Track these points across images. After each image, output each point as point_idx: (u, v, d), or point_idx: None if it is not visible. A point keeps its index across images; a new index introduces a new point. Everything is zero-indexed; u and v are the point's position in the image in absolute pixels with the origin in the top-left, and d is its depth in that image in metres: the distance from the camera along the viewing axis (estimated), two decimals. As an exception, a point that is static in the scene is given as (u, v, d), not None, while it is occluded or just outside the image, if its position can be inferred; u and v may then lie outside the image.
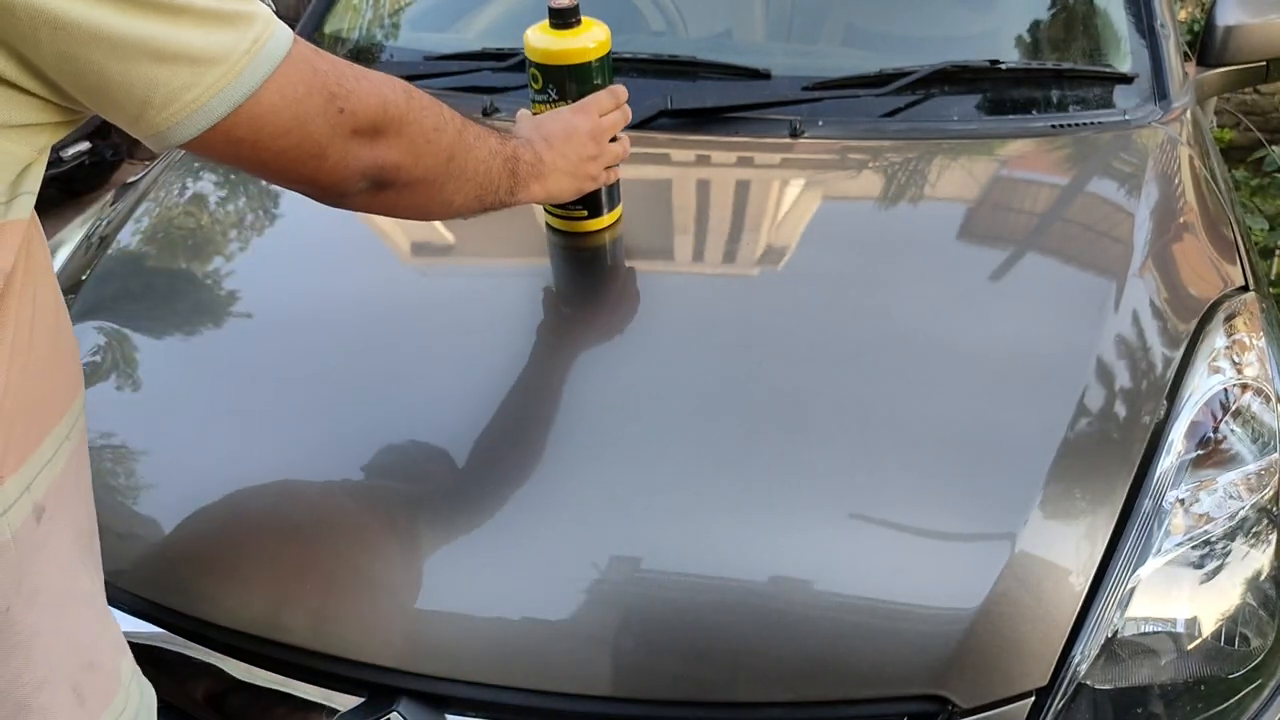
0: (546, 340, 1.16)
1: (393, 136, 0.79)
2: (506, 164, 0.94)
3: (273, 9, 2.25)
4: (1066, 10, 1.91)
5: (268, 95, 0.69)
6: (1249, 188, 3.55)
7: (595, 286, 1.29)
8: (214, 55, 0.65)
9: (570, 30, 1.17)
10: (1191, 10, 4.22)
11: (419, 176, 0.84)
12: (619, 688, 0.87)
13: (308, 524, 0.97)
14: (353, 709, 0.89)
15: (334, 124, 0.74)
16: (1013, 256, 1.30)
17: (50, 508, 0.67)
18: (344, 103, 0.75)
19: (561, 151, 1.06)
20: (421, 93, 0.84)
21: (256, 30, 0.68)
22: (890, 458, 0.97)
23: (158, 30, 0.62)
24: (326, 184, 0.78)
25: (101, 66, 0.61)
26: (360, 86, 0.76)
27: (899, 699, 0.86)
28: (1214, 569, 0.97)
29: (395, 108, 0.79)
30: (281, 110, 0.70)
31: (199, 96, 0.65)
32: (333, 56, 0.76)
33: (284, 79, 0.70)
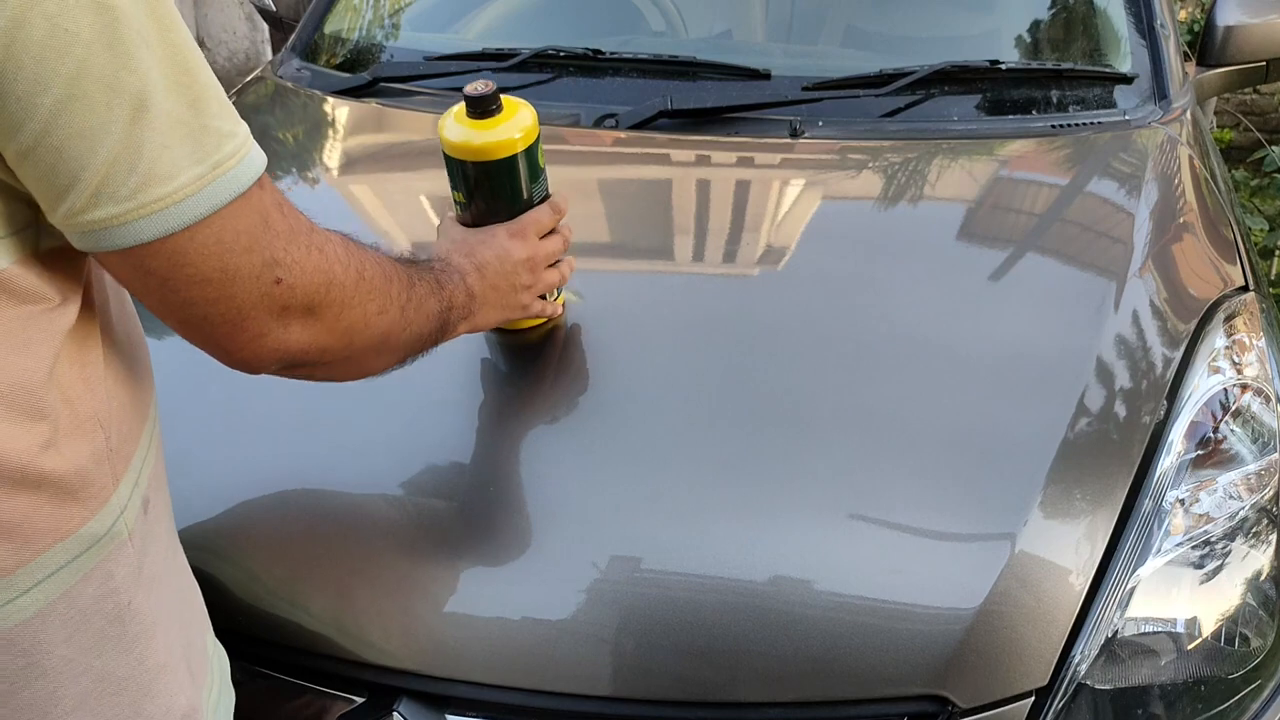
0: (546, 342, 1.16)
1: (327, 320, 0.69)
2: (438, 320, 0.85)
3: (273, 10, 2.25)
4: (1066, 10, 1.91)
5: (203, 233, 0.59)
6: (1249, 188, 3.55)
7: (595, 287, 1.29)
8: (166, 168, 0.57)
9: (490, 120, 1.00)
10: (1191, 10, 4.22)
11: (346, 358, 0.74)
12: (619, 688, 0.87)
13: (307, 525, 0.97)
14: (353, 709, 0.89)
15: (265, 293, 0.64)
16: (1013, 257, 1.30)
17: (152, 497, 0.70)
18: (284, 273, 0.64)
19: (492, 283, 0.95)
20: (376, 264, 0.74)
21: (226, 154, 0.59)
22: (890, 458, 0.97)
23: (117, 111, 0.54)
24: (238, 355, 0.67)
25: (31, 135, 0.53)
26: (308, 260, 0.66)
27: (899, 699, 0.86)
28: (1214, 569, 0.97)
29: (339, 290, 0.69)
30: (210, 256, 0.60)
31: (129, 212, 0.57)
32: (296, 213, 0.67)
33: (229, 221, 0.60)
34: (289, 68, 1.89)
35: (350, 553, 0.94)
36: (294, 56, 1.93)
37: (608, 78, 1.67)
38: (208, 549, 0.96)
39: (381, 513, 0.97)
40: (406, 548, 0.94)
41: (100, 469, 0.63)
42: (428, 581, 0.92)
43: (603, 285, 1.29)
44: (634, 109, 1.54)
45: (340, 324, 0.70)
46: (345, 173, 1.58)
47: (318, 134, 1.72)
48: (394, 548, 0.94)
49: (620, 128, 1.54)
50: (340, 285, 0.69)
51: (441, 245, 0.97)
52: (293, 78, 1.85)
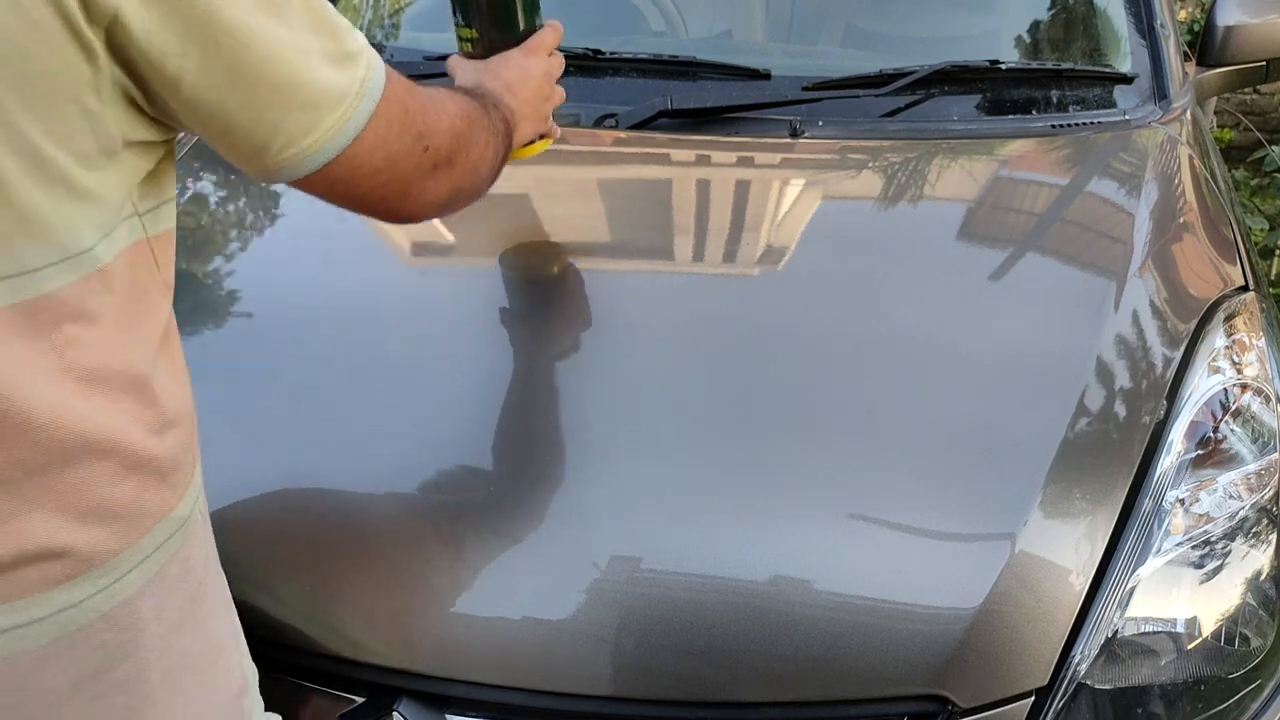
0: (547, 342, 1.16)
1: (461, 164, 0.81)
2: (508, 135, 0.96)
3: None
4: (1066, 10, 1.92)
5: (367, 137, 0.70)
6: (1249, 188, 3.55)
7: (595, 287, 1.29)
8: (332, 99, 0.67)
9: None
10: (1191, 10, 4.22)
11: (472, 187, 0.86)
12: (619, 688, 0.87)
13: (308, 525, 0.97)
14: (353, 709, 0.89)
15: (419, 162, 0.76)
16: (1013, 257, 1.30)
17: (202, 486, 0.77)
18: (429, 140, 0.76)
19: (524, 97, 1.05)
20: (469, 103, 0.86)
21: (362, 69, 0.69)
22: (890, 458, 0.97)
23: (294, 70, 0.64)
24: (404, 215, 0.80)
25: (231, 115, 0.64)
26: (439, 122, 0.78)
27: (899, 699, 0.86)
28: (1214, 569, 0.97)
29: (464, 137, 0.81)
30: (376, 151, 0.71)
31: (315, 141, 0.67)
32: (415, 87, 0.77)
33: (381, 120, 0.71)
34: (289, 68, 1.89)
35: (351, 553, 0.94)
36: (294, 56, 1.93)
37: (608, 77, 1.67)
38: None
39: (382, 513, 0.97)
40: (407, 548, 0.94)
41: (187, 454, 0.71)
42: (428, 581, 0.92)
43: (603, 285, 1.29)
44: (634, 109, 1.54)
45: (469, 163, 0.82)
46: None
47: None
48: (394, 548, 0.94)
49: (620, 128, 1.54)
50: (462, 134, 0.81)
51: (468, 77, 1.04)
52: (293, 78, 1.85)
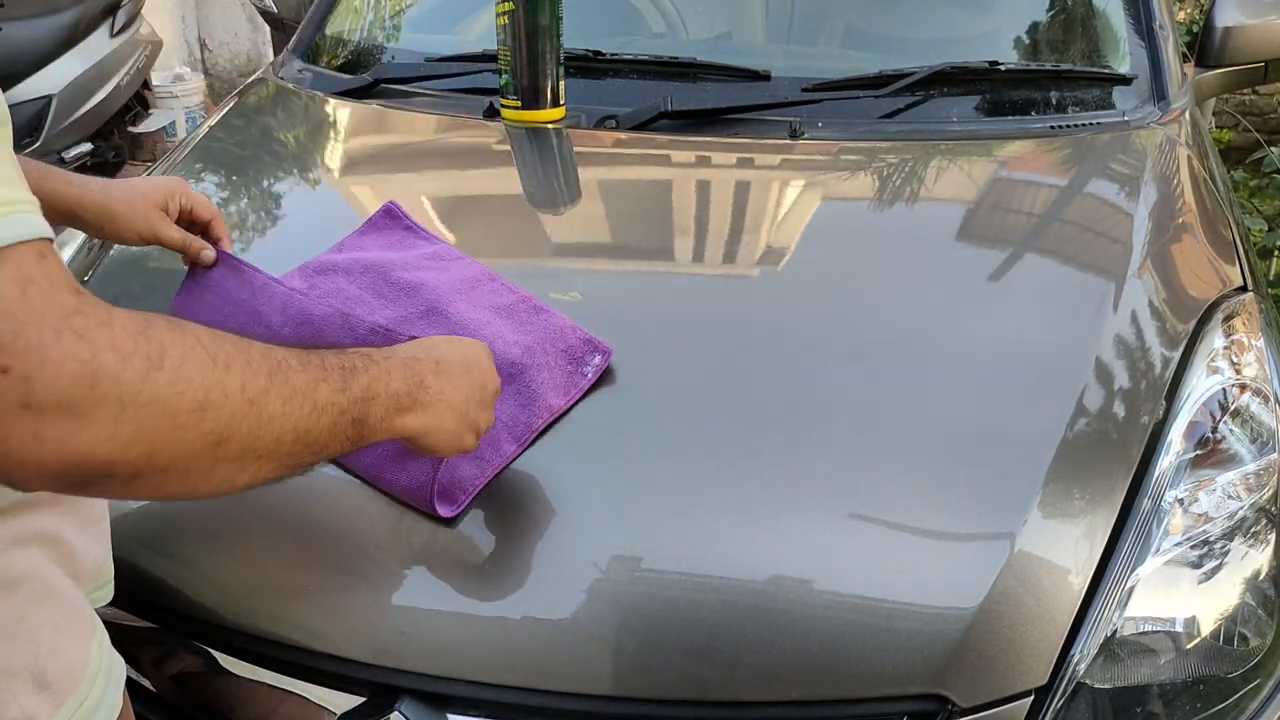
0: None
1: (102, 421, 0.54)
2: (346, 415, 0.70)
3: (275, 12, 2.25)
4: (1065, 12, 1.92)
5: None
6: (1247, 188, 3.55)
7: (595, 288, 1.29)
8: None
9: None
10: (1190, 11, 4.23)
11: (156, 469, 0.58)
12: (619, 687, 0.87)
13: (309, 524, 0.97)
14: (353, 709, 0.89)
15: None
16: (1012, 257, 1.30)
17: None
18: (14, 360, 0.51)
19: (453, 384, 0.82)
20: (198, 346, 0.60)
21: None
22: (890, 457, 0.98)
23: None
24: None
25: None
26: (58, 346, 0.52)
27: (899, 698, 0.86)
28: (1213, 569, 0.97)
29: (114, 382, 0.54)
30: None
31: None
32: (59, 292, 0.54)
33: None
34: (290, 69, 1.89)
35: (351, 552, 0.94)
36: (295, 58, 1.93)
37: (608, 79, 1.67)
38: (207, 548, 0.96)
39: (382, 512, 0.97)
40: (408, 547, 0.95)
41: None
42: (428, 581, 0.92)
43: (603, 285, 1.29)
44: (634, 110, 1.54)
45: (124, 426, 0.55)
46: (346, 174, 1.58)
47: (319, 135, 1.73)
48: (395, 547, 0.94)
49: (620, 129, 1.54)
50: (114, 377, 0.54)
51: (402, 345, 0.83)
52: (294, 79, 1.85)
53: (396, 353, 0.79)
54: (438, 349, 0.84)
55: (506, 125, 1.58)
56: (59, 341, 0.53)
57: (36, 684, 0.69)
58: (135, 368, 0.55)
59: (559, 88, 1.57)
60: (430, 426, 0.80)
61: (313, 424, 0.67)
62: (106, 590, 0.84)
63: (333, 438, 0.69)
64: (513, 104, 1.57)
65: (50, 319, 0.53)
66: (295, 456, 0.67)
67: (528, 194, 1.48)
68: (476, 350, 0.88)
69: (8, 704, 0.67)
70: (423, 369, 0.80)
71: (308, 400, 0.66)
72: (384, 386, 0.75)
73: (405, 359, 0.79)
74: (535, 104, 1.56)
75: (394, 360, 0.77)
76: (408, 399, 0.77)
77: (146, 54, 4.36)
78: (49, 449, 0.53)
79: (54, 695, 0.70)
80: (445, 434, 0.82)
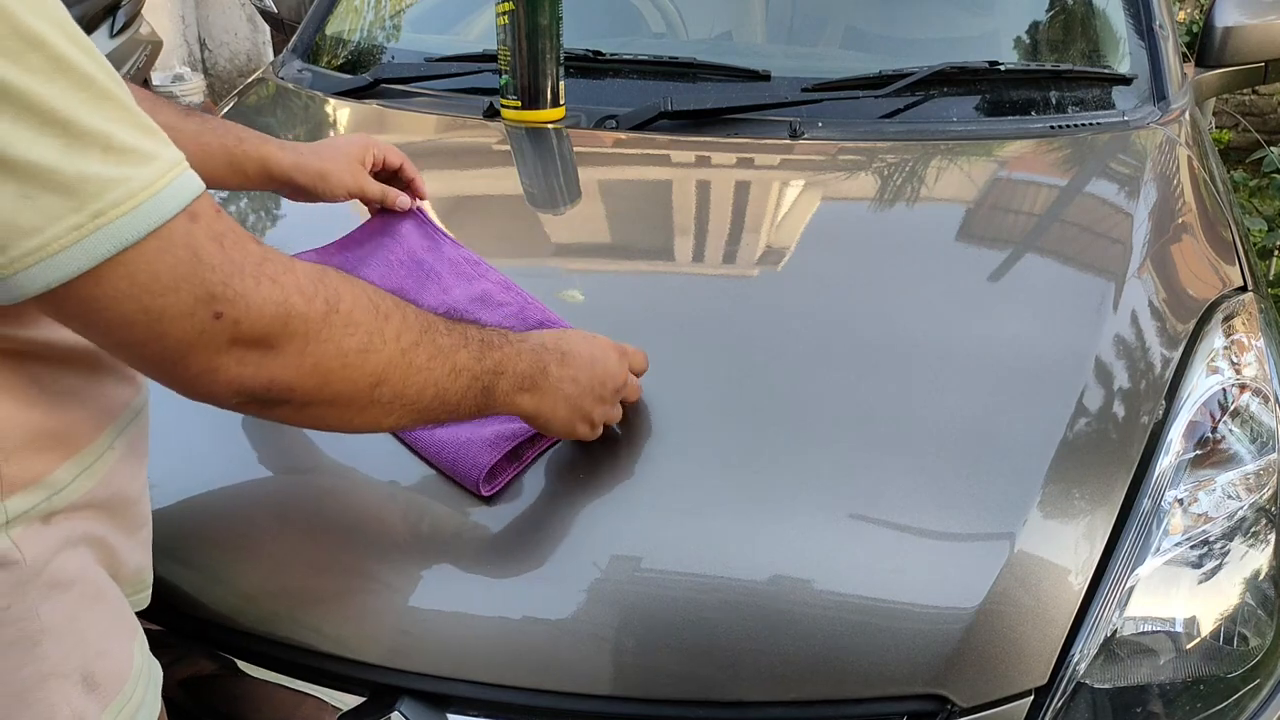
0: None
1: (290, 354, 0.64)
2: (478, 382, 0.79)
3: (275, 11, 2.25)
4: (1065, 12, 1.92)
5: (109, 278, 0.56)
6: (1247, 189, 3.55)
7: (595, 288, 1.29)
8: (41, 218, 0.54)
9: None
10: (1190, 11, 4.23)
11: (324, 399, 0.68)
12: (619, 687, 0.87)
13: (309, 524, 0.97)
14: (354, 708, 0.89)
15: (203, 329, 0.60)
16: (1012, 257, 1.30)
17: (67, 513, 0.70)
18: (225, 307, 0.60)
19: (573, 375, 0.88)
20: (367, 299, 0.69)
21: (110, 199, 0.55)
22: (890, 458, 0.98)
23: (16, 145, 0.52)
24: (188, 390, 0.64)
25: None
26: (257, 292, 0.61)
27: (899, 698, 0.86)
28: (1212, 569, 0.97)
29: (301, 321, 0.64)
30: (125, 299, 0.57)
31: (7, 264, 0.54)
32: (245, 242, 0.62)
33: (140, 265, 0.57)
34: (290, 69, 1.89)
35: (351, 552, 0.94)
36: (295, 58, 1.93)
37: (608, 79, 1.68)
38: (208, 548, 0.96)
39: (382, 512, 0.97)
40: (408, 547, 0.95)
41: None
42: (428, 581, 0.92)
43: (603, 285, 1.29)
44: (634, 110, 1.55)
45: (307, 359, 0.64)
46: (346, 174, 1.58)
47: (319, 135, 1.73)
48: (395, 547, 0.94)
49: (620, 129, 1.54)
50: (302, 317, 0.64)
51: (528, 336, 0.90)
52: (294, 79, 1.85)
53: (530, 338, 0.87)
54: (568, 341, 0.91)
55: (506, 125, 1.58)
56: (259, 288, 0.61)
57: (86, 685, 0.70)
58: (317, 309, 0.65)
59: (559, 88, 1.57)
60: (543, 409, 0.87)
61: (450, 383, 0.75)
62: (144, 595, 0.85)
63: (464, 399, 0.78)
64: (513, 104, 1.57)
65: (248, 267, 0.61)
66: (432, 411, 0.75)
67: (528, 194, 1.48)
68: (605, 349, 0.94)
69: (59, 706, 0.68)
70: (549, 357, 0.87)
71: (449, 361, 0.75)
72: (513, 365, 0.82)
73: (535, 345, 0.86)
74: (535, 104, 1.56)
75: (526, 344, 0.85)
76: (529, 381, 0.84)
77: (146, 54, 4.36)
78: (249, 374, 0.63)
79: (101, 696, 0.71)
80: (558, 419, 0.89)
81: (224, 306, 0.60)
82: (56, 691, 0.68)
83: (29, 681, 0.67)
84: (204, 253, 0.60)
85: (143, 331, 0.59)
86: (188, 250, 0.59)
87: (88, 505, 0.72)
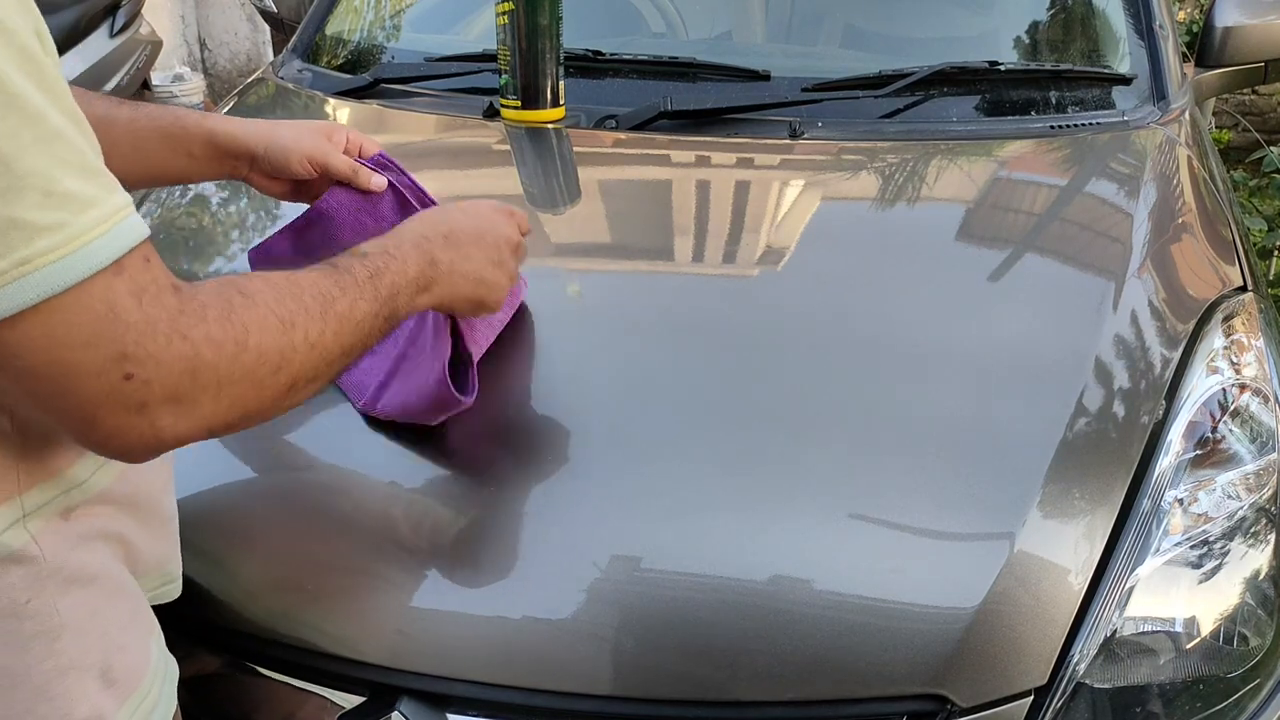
0: (547, 340, 1.16)
1: (204, 403, 0.62)
2: (379, 317, 0.77)
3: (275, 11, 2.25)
4: (1065, 11, 1.92)
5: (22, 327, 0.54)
6: (1247, 188, 3.55)
7: (595, 287, 1.29)
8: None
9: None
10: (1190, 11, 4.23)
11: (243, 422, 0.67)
12: (619, 687, 0.87)
13: (309, 524, 0.97)
14: (354, 708, 0.89)
15: (112, 389, 0.57)
16: (1012, 257, 1.30)
17: (86, 508, 0.70)
18: (136, 368, 0.58)
19: (465, 253, 0.87)
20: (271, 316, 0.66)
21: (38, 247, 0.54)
22: (889, 457, 0.98)
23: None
24: (101, 449, 0.62)
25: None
26: (169, 350, 0.59)
27: (898, 698, 0.86)
28: (1212, 568, 0.97)
29: (211, 372, 0.61)
30: (36, 350, 0.55)
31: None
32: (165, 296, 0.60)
33: (58, 316, 0.55)
34: (290, 69, 1.89)
35: (352, 552, 0.94)
36: (295, 58, 1.93)
37: (608, 79, 1.68)
38: (209, 548, 0.96)
39: (382, 512, 0.97)
40: (408, 547, 0.94)
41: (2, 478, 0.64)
42: (428, 581, 0.92)
43: (603, 285, 1.29)
44: (634, 110, 1.54)
45: (221, 403, 0.63)
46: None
47: (318, 135, 1.72)
48: (395, 547, 0.94)
49: (620, 129, 1.54)
50: (212, 367, 0.61)
51: (409, 222, 0.88)
52: (294, 79, 1.85)
53: (408, 232, 0.84)
54: (447, 220, 0.88)
55: (506, 125, 1.58)
56: (169, 346, 0.59)
57: (104, 680, 0.71)
58: (227, 354, 0.62)
59: (559, 88, 1.57)
60: (445, 298, 0.86)
61: (356, 338, 0.74)
62: (172, 587, 0.85)
63: (370, 337, 0.76)
64: (512, 104, 1.57)
65: (162, 324, 0.59)
66: (344, 365, 0.74)
67: (528, 194, 1.48)
68: (489, 213, 0.92)
69: (78, 700, 0.69)
70: (431, 246, 0.84)
71: (350, 321, 0.73)
72: (403, 277, 0.80)
73: (415, 240, 0.83)
74: (535, 104, 1.56)
75: (405, 245, 0.82)
76: (422, 281, 0.82)
77: (146, 54, 4.36)
78: (164, 434, 0.61)
79: (119, 691, 0.72)
80: (464, 301, 0.89)
81: (135, 367, 0.58)
82: (75, 685, 0.69)
83: (49, 675, 0.67)
84: (121, 309, 0.57)
85: (51, 385, 0.57)
86: (106, 305, 0.57)
87: (107, 501, 0.72)
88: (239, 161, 1.04)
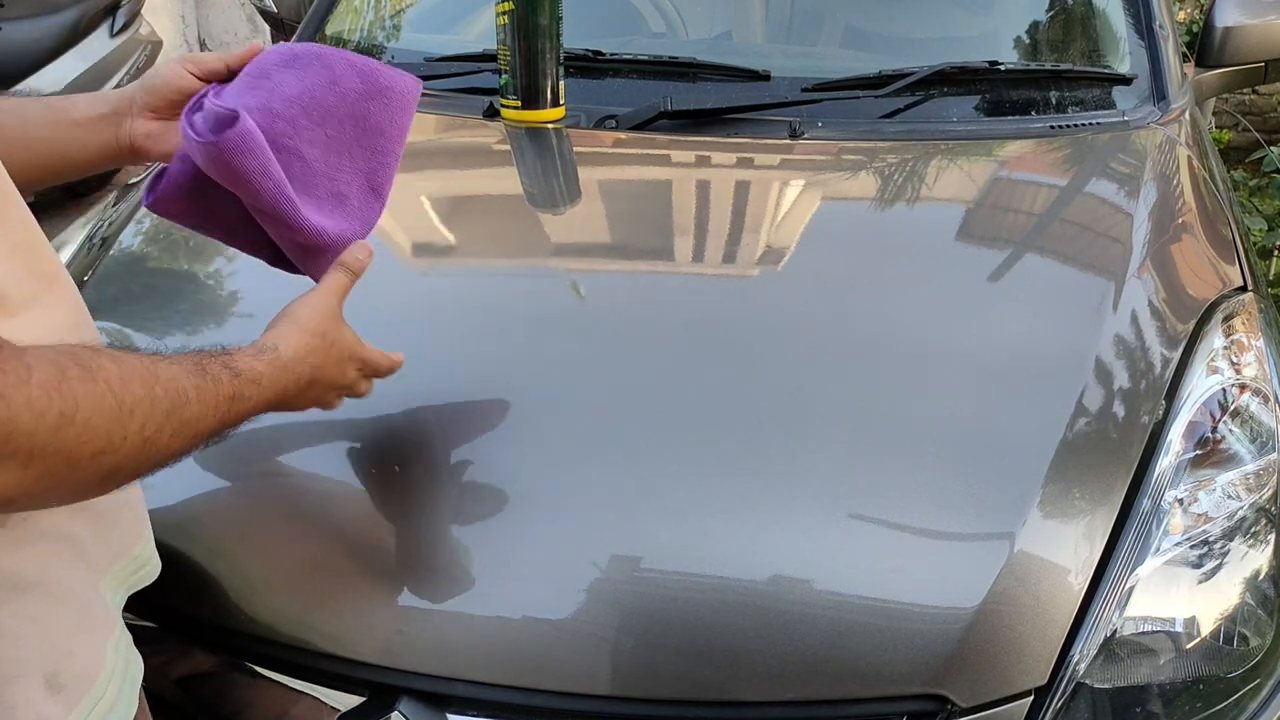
0: (546, 340, 1.16)
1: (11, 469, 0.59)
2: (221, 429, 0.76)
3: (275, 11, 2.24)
4: (1065, 11, 1.92)
5: None
6: (1247, 188, 3.55)
7: (595, 287, 1.29)
8: None
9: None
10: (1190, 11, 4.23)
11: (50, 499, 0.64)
12: (619, 687, 0.87)
13: (309, 524, 0.97)
14: (353, 709, 0.89)
15: None
16: (1012, 257, 1.30)
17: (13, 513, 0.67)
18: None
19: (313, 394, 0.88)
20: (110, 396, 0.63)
21: None
22: (890, 457, 0.98)
23: None
24: None
25: None
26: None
27: (899, 698, 0.86)
28: (1212, 568, 0.97)
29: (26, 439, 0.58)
30: None
31: None
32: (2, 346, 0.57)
33: None
34: (289, 69, 1.89)
35: (350, 552, 0.94)
36: (295, 58, 1.93)
37: (608, 79, 1.68)
38: (208, 548, 0.96)
39: (382, 512, 0.97)
40: (407, 547, 0.94)
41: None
42: (428, 581, 0.92)
43: (602, 285, 1.29)
44: (634, 110, 1.54)
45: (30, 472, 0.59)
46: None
47: (318, 135, 1.72)
48: (395, 547, 0.94)
49: (620, 129, 1.54)
50: (28, 434, 0.58)
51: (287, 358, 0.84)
52: (293, 79, 1.85)
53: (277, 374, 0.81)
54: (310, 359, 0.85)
55: (506, 125, 1.58)
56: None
57: (50, 687, 0.69)
58: (48, 424, 0.58)
59: (559, 88, 1.57)
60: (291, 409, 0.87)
61: (190, 446, 0.71)
62: (148, 570, 0.83)
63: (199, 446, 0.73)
64: (512, 104, 1.57)
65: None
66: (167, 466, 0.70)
67: (528, 194, 1.48)
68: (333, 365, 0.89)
69: (20, 708, 0.67)
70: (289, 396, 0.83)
71: (192, 430, 0.70)
72: (255, 408, 0.79)
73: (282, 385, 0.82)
74: (535, 104, 1.56)
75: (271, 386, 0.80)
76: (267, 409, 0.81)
77: (146, 54, 4.36)
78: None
79: (67, 697, 0.70)
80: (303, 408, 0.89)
81: None
82: (18, 694, 0.67)
83: None
84: None
85: None
86: None
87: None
88: (122, 103, 0.99)
